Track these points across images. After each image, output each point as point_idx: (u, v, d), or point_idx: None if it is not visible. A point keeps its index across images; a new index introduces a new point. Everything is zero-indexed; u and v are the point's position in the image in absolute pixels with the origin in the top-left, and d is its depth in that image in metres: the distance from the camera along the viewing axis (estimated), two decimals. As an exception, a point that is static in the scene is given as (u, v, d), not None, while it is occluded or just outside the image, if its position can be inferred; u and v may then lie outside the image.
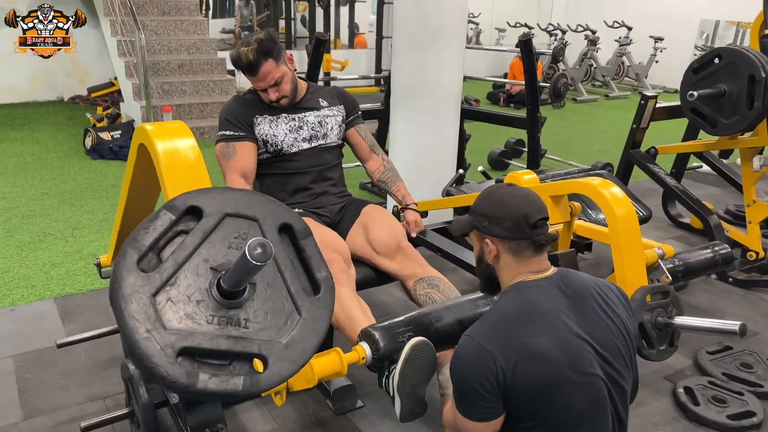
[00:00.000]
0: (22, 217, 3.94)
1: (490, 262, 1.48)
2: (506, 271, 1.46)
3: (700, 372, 2.54)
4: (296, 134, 2.18)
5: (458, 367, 1.35)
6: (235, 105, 2.23)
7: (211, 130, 5.98)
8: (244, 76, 2.19)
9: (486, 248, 1.46)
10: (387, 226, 2.18)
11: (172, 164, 1.56)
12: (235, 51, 2.10)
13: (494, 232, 1.43)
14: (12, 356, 2.50)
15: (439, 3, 3.36)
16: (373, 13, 11.58)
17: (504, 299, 1.43)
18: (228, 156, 2.12)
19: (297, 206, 2.21)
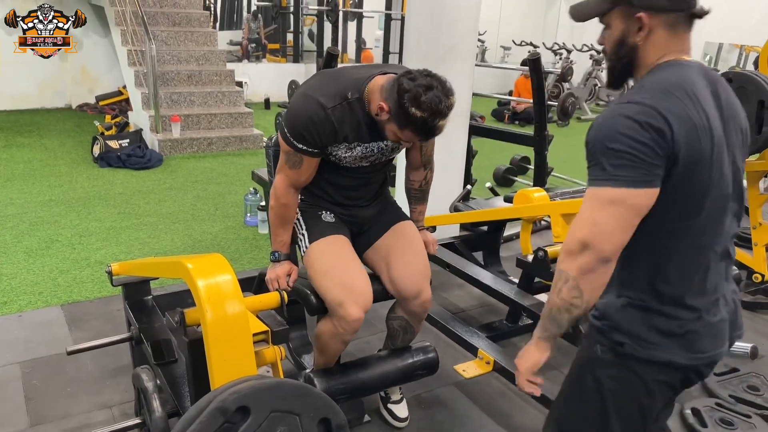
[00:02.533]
0: (29, 223, 3.96)
1: (638, 41, 1.26)
2: (654, 50, 1.26)
3: (707, 393, 2.53)
4: (363, 158, 1.99)
5: (617, 126, 1.17)
6: (319, 125, 1.82)
7: (219, 141, 6.02)
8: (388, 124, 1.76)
9: (634, 26, 1.25)
10: (415, 264, 2.05)
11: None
12: (425, 115, 1.66)
13: (654, 4, 1.23)
14: (19, 363, 2.50)
15: (451, 22, 3.40)
16: (379, 28, 11.69)
17: (659, 73, 1.25)
18: (292, 164, 1.90)
19: (327, 210, 2.08)
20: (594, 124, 1.22)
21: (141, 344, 2.09)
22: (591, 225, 1.19)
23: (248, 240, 3.92)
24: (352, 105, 1.82)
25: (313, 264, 1.97)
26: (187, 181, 5.08)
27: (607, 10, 1.28)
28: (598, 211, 1.19)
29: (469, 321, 2.98)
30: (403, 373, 2.12)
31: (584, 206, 1.22)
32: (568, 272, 1.21)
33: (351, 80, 1.84)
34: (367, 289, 1.93)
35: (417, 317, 2.08)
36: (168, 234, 3.92)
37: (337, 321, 1.86)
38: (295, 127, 1.82)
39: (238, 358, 1.37)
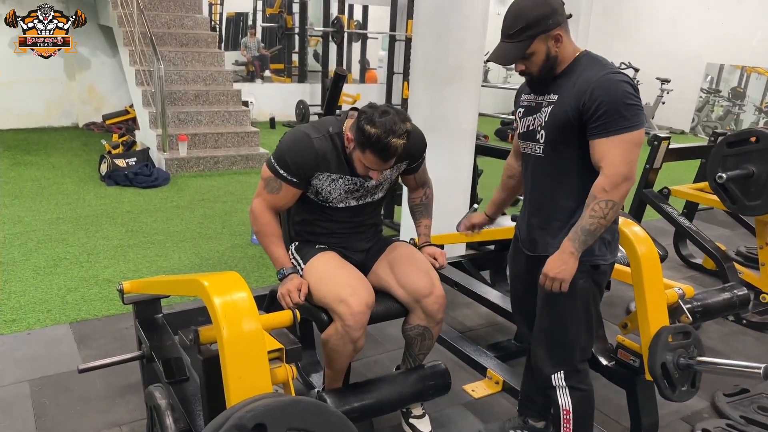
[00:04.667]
0: (37, 241, 3.98)
1: (557, 50, 1.73)
2: (565, 50, 1.74)
3: (717, 414, 2.52)
4: (350, 194, 2.08)
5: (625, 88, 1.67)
6: (300, 151, 1.97)
7: (225, 160, 6.06)
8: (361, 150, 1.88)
9: (552, 42, 1.71)
10: (420, 266, 2.10)
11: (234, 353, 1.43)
12: (379, 132, 1.80)
13: (558, 20, 1.70)
14: (28, 380, 2.50)
15: (458, 42, 3.44)
16: (383, 49, 11.81)
17: (592, 58, 1.75)
18: (271, 189, 2.02)
19: (324, 244, 2.16)
20: (600, 89, 1.65)
21: (152, 362, 2.09)
22: (628, 162, 1.66)
23: (255, 258, 3.92)
24: (333, 138, 2.00)
25: (312, 277, 2.03)
26: (194, 199, 5.11)
27: (530, 44, 1.71)
28: (629, 151, 1.66)
29: (477, 340, 2.98)
30: (415, 392, 2.12)
31: (616, 149, 1.65)
32: (614, 199, 1.67)
33: (334, 119, 2.07)
34: (366, 285, 1.99)
35: (433, 318, 2.08)
36: (176, 252, 3.93)
37: (341, 319, 1.89)
38: (279, 152, 2.00)
39: (254, 376, 1.37)
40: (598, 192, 1.68)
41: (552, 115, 1.77)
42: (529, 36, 1.70)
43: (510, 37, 1.73)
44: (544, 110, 1.80)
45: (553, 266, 1.74)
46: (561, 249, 1.74)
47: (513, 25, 1.72)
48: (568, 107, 1.72)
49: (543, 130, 1.80)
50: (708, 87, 10.61)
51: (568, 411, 1.89)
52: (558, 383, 1.89)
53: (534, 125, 1.83)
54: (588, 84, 1.68)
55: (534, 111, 1.84)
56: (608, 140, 1.66)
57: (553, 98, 1.78)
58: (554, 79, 1.78)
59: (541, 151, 1.83)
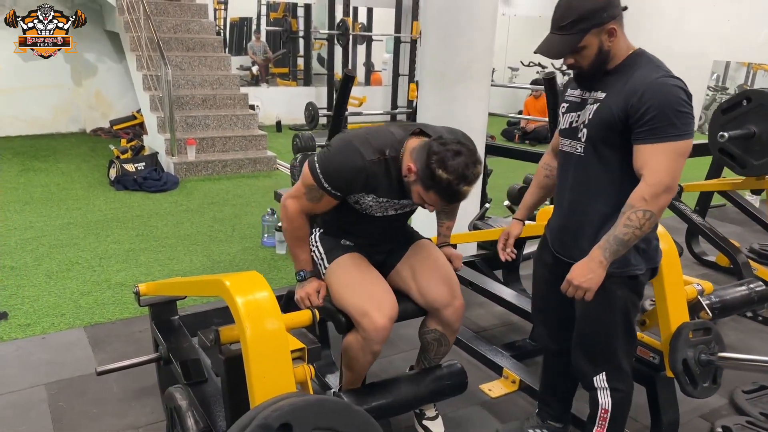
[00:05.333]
0: (49, 246, 3.98)
1: (611, 45, 1.65)
2: (620, 45, 1.67)
3: (736, 411, 2.50)
4: (390, 209, 2.02)
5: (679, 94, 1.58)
6: (353, 174, 1.84)
7: (233, 164, 6.07)
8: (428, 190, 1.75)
9: (606, 36, 1.63)
10: (442, 274, 2.06)
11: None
12: (450, 178, 1.68)
13: (613, 13, 1.62)
14: (45, 384, 2.50)
15: (467, 43, 3.43)
16: (387, 51, 11.81)
17: (647, 57, 1.67)
18: (312, 197, 1.91)
19: (349, 241, 2.11)
20: (651, 92, 1.56)
21: (169, 364, 2.09)
22: (672, 172, 1.57)
23: (266, 260, 3.92)
24: (388, 162, 1.85)
25: (334, 280, 1.99)
26: (204, 203, 5.11)
27: (582, 38, 1.62)
28: (674, 161, 1.57)
29: (492, 340, 2.97)
30: (431, 392, 2.11)
31: (661, 157, 1.57)
32: (652, 210, 1.58)
33: (391, 137, 1.88)
34: (390, 297, 1.94)
35: (451, 327, 2.07)
36: (187, 255, 3.93)
37: (364, 332, 1.87)
38: (328, 168, 1.84)
39: (277, 375, 1.36)
40: (636, 201, 1.59)
41: (597, 113, 1.68)
42: (581, 29, 1.61)
43: (561, 29, 1.64)
44: (590, 107, 1.71)
45: (578, 274, 1.65)
46: (589, 257, 1.65)
47: (565, 16, 1.63)
48: (614, 107, 1.63)
49: (586, 129, 1.71)
50: (715, 84, 10.59)
51: (606, 411, 1.85)
52: (600, 384, 1.85)
53: (577, 122, 1.75)
54: (640, 85, 1.59)
55: (579, 107, 1.76)
56: (654, 147, 1.57)
57: (600, 96, 1.69)
58: (604, 76, 1.69)
59: (581, 151, 1.74)
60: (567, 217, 1.84)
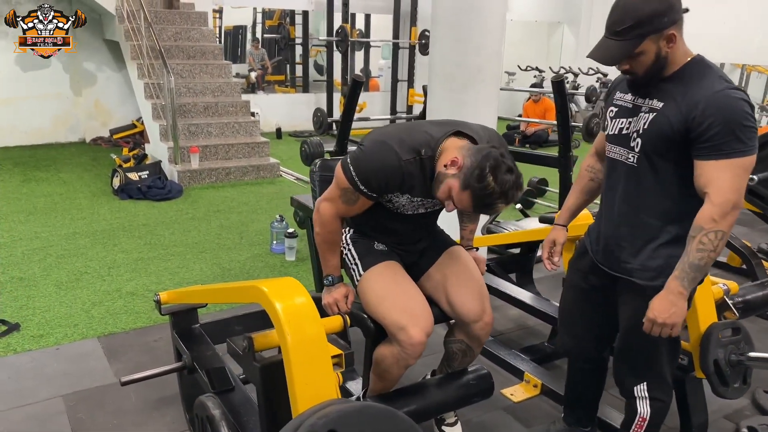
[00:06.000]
0: (56, 256, 3.95)
1: (668, 52, 1.57)
2: (679, 51, 1.59)
3: (759, 411, 2.50)
4: (420, 208, 1.99)
5: (743, 107, 1.52)
6: (389, 175, 1.80)
7: (236, 171, 6.04)
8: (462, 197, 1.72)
9: (664, 42, 1.55)
10: (473, 287, 2.04)
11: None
12: (495, 186, 1.65)
13: (674, 18, 1.53)
14: (62, 396, 2.46)
15: (477, 46, 3.43)
16: (383, 57, 11.83)
17: (707, 65, 1.59)
18: (347, 200, 1.88)
19: (381, 242, 2.07)
20: (715, 106, 1.50)
21: (194, 373, 2.06)
22: (738, 189, 1.51)
23: (276, 267, 3.90)
24: (424, 162, 1.81)
25: (369, 291, 1.95)
26: (209, 210, 5.08)
27: (639, 44, 1.54)
28: (740, 177, 1.52)
29: (509, 344, 2.95)
30: (459, 397, 2.09)
31: (727, 174, 1.50)
32: (723, 229, 1.52)
33: (427, 136, 1.82)
34: (427, 312, 1.91)
35: (478, 340, 2.05)
36: (197, 263, 3.91)
37: (400, 346, 1.84)
38: (365, 170, 1.80)
39: (320, 381, 1.34)
40: (705, 222, 1.52)
41: (654, 124, 1.60)
42: (638, 35, 1.52)
43: (616, 34, 1.55)
44: (644, 116, 1.64)
45: (662, 310, 1.57)
46: (668, 289, 1.57)
47: (621, 20, 1.54)
48: (674, 119, 1.56)
49: (640, 138, 1.64)
50: (710, 86, 10.66)
51: (644, 419, 1.81)
52: (640, 394, 1.81)
53: (629, 129, 1.68)
54: (701, 97, 1.52)
55: (630, 114, 1.69)
56: (718, 163, 1.50)
57: (656, 105, 1.61)
58: (660, 83, 1.61)
59: (634, 161, 1.67)
60: (615, 228, 1.77)
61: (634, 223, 1.71)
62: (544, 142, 8.71)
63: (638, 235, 1.71)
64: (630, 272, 1.73)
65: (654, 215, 1.67)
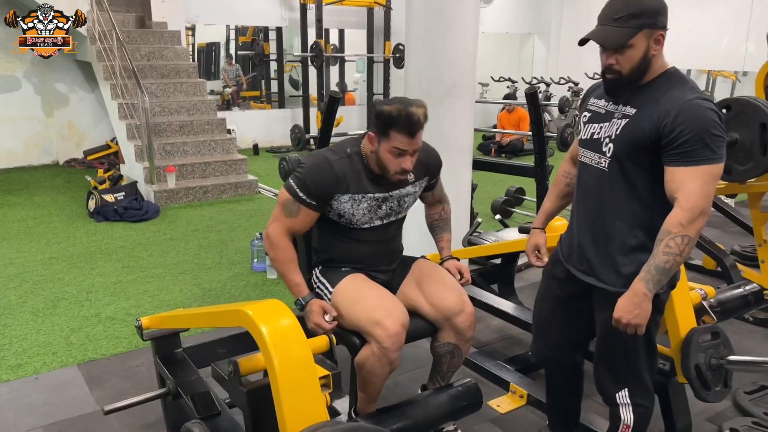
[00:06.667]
0: (32, 282, 3.87)
1: (653, 54, 1.63)
2: (658, 59, 1.65)
3: (741, 412, 2.54)
4: (374, 214, 2.06)
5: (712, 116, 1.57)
6: (321, 174, 1.97)
7: (214, 189, 6.00)
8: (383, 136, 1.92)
9: (653, 42, 1.62)
10: (449, 283, 2.10)
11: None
12: (397, 107, 1.87)
13: (665, 23, 1.62)
14: (42, 426, 2.41)
15: (450, 61, 3.47)
16: (358, 71, 11.88)
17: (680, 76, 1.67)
18: (289, 212, 1.99)
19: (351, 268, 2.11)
20: (686, 114, 1.55)
21: (178, 399, 2.04)
22: (706, 196, 1.56)
23: (258, 286, 3.87)
24: (351, 157, 2.02)
25: (341, 300, 1.99)
26: (188, 230, 5.04)
27: (635, 33, 1.60)
28: (709, 184, 1.56)
29: (494, 354, 2.97)
30: (448, 412, 2.10)
31: (696, 180, 1.55)
32: (690, 234, 1.56)
33: (352, 140, 2.09)
34: (400, 306, 1.96)
35: (464, 336, 2.07)
36: (176, 285, 3.86)
37: (378, 341, 1.86)
38: (302, 178, 1.97)
39: (309, 404, 1.34)
40: (673, 226, 1.56)
41: (626, 130, 1.66)
42: (636, 25, 1.59)
43: (615, 20, 1.61)
44: (617, 121, 1.69)
45: (627, 311, 1.62)
46: (632, 291, 1.62)
47: (622, 9, 1.60)
48: (646, 125, 1.61)
49: (612, 144, 1.69)
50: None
51: (629, 426, 1.84)
52: (622, 401, 1.84)
53: (600, 134, 1.74)
54: (673, 106, 1.58)
55: (603, 119, 1.75)
56: (688, 170, 1.55)
57: (629, 111, 1.67)
58: (636, 90, 1.67)
59: (605, 165, 1.72)
60: (586, 234, 1.81)
61: (602, 228, 1.76)
62: (519, 151, 8.80)
63: (608, 240, 1.75)
64: (603, 280, 1.77)
65: (624, 219, 1.71)
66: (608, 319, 1.71)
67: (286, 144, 8.99)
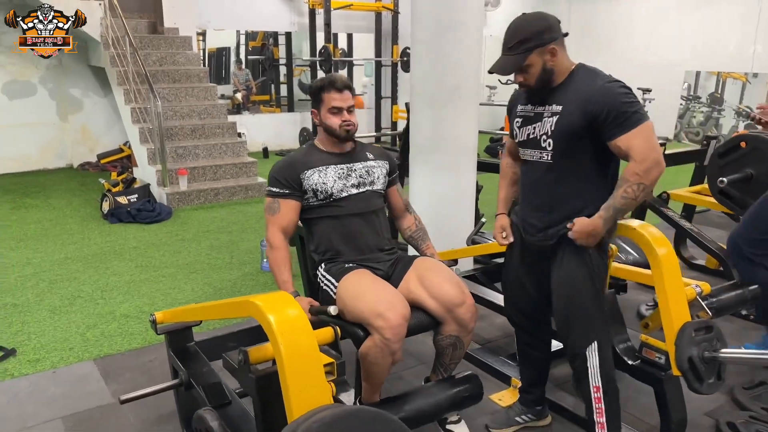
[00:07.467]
0: (49, 281, 3.99)
1: (552, 64, 1.89)
2: (562, 62, 1.92)
3: (738, 407, 2.58)
4: (345, 181, 2.27)
5: (625, 89, 1.87)
6: (283, 164, 2.31)
7: (225, 191, 6.12)
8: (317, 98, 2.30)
9: (548, 56, 1.88)
10: (449, 277, 2.20)
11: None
12: (321, 78, 2.31)
13: (554, 36, 1.88)
14: (61, 417, 2.51)
15: (455, 64, 3.55)
16: (366, 75, 11.97)
17: (588, 68, 1.94)
18: (273, 211, 2.28)
19: (351, 261, 2.25)
20: (601, 95, 1.83)
21: (190, 389, 2.12)
22: (655, 146, 1.82)
23: (267, 285, 3.97)
24: (308, 146, 2.39)
25: (345, 295, 2.09)
26: (199, 231, 5.15)
27: (528, 56, 1.88)
28: (651, 137, 1.82)
29: (497, 351, 3.04)
30: (449, 402, 2.17)
31: (639, 138, 1.80)
32: (646, 183, 1.81)
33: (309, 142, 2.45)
34: (401, 299, 2.05)
35: (466, 327, 2.15)
36: (188, 284, 3.96)
37: (380, 333, 1.94)
38: (271, 176, 2.32)
39: (313, 388, 1.42)
40: (630, 176, 1.82)
41: (560, 124, 1.91)
42: (526, 49, 1.87)
43: (510, 50, 1.91)
44: (548, 120, 1.94)
45: (585, 225, 1.90)
46: (591, 218, 1.90)
47: (512, 39, 1.90)
48: (575, 116, 1.87)
49: (550, 139, 1.94)
50: (687, 94, 10.88)
51: (598, 387, 2.01)
52: (591, 354, 2.00)
53: (535, 134, 1.98)
54: (589, 92, 1.85)
55: (534, 120, 1.99)
56: (628, 135, 1.81)
57: (556, 108, 1.92)
58: (553, 91, 1.93)
59: (548, 158, 1.96)
60: (544, 216, 2.04)
61: (562, 208, 2.00)
62: (527, 154, 8.85)
63: (567, 216, 1.98)
64: (559, 239, 2.01)
65: (578, 198, 1.97)
66: (567, 275, 1.99)
67: (295, 147, 9.10)
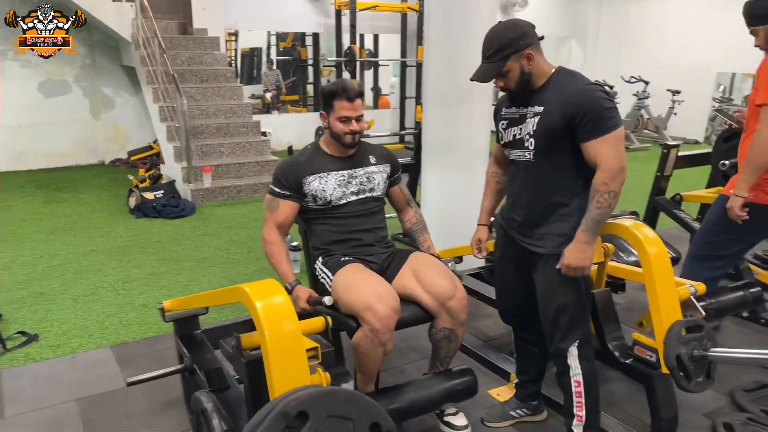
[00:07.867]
0: (74, 272, 4.17)
1: (530, 68, 1.96)
2: (539, 66, 1.99)
3: (737, 409, 2.58)
4: (345, 188, 2.34)
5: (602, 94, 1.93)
6: (287, 166, 2.38)
7: (247, 188, 6.26)
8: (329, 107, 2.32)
9: (525, 61, 1.95)
10: (443, 271, 2.28)
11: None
12: (335, 83, 2.34)
13: (529, 42, 1.95)
14: (76, 399, 2.64)
15: (467, 66, 3.57)
16: (394, 75, 12.07)
17: (568, 72, 2.01)
18: (271, 208, 2.38)
19: (347, 255, 2.34)
20: (582, 98, 1.89)
21: (194, 374, 2.23)
22: (619, 155, 1.90)
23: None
24: (312, 148, 2.44)
25: (339, 287, 2.18)
26: (220, 227, 5.29)
27: (505, 63, 1.96)
28: (619, 146, 1.91)
29: (500, 348, 3.08)
30: (443, 394, 2.23)
31: (607, 146, 1.89)
32: (615, 189, 1.90)
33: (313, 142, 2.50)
34: (391, 292, 2.12)
35: (458, 319, 2.23)
36: (206, 277, 4.10)
37: (370, 325, 2.02)
38: (274, 176, 2.39)
39: (294, 370, 1.50)
40: (599, 186, 1.90)
41: (541, 124, 1.99)
42: (503, 56, 1.95)
43: (488, 58, 1.99)
44: (530, 120, 2.01)
45: (574, 257, 1.95)
46: (577, 239, 1.95)
47: (489, 47, 1.98)
48: (555, 116, 1.94)
49: (532, 138, 2.01)
50: (721, 96, 10.66)
51: (579, 383, 2.07)
52: (572, 354, 2.07)
53: (521, 134, 2.06)
54: (569, 95, 1.92)
55: (519, 122, 2.07)
56: (598, 141, 1.90)
57: (538, 110, 1.99)
58: (535, 93, 2.01)
59: (531, 157, 2.04)
60: (528, 213, 2.11)
61: (544, 205, 2.07)
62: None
63: (550, 212, 2.06)
64: (544, 246, 2.06)
65: (559, 194, 2.04)
66: (550, 278, 2.05)
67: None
